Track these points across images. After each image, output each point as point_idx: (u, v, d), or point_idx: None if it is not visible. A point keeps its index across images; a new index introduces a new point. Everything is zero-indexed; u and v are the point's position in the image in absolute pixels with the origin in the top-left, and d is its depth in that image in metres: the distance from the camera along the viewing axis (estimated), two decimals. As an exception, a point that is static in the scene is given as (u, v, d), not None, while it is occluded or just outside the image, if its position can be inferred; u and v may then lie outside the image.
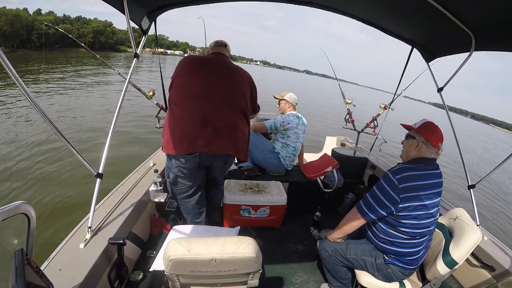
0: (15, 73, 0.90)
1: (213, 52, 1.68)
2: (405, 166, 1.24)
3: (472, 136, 28.52)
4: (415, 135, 1.28)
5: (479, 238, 1.22)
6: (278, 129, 2.45)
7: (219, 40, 1.74)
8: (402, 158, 1.37)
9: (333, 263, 1.45)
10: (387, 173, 1.24)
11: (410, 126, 1.33)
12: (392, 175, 1.20)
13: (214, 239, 0.98)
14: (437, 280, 1.30)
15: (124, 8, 1.43)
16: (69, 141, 1.19)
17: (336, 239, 1.44)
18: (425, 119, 1.33)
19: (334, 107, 16.39)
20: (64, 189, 3.83)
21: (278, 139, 2.49)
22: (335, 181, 2.38)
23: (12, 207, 0.69)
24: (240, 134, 1.59)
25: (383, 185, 1.23)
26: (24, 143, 5.26)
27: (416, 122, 1.34)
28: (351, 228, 1.35)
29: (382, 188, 1.23)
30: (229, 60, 1.68)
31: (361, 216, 1.29)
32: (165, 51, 52.04)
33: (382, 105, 3.18)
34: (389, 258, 1.30)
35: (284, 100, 2.54)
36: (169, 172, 1.63)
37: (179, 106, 1.49)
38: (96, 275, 1.13)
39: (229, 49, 1.74)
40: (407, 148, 1.32)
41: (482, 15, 1.37)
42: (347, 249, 1.40)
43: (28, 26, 37.00)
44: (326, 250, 1.46)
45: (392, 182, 1.19)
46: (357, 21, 2.00)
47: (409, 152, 1.30)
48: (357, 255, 1.37)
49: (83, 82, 13.66)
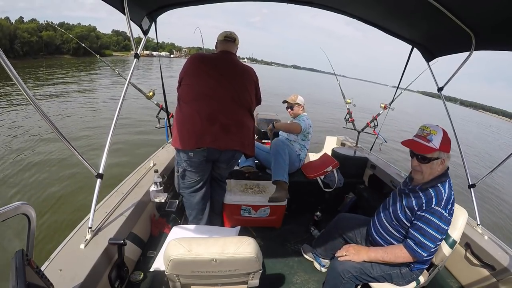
0: (15, 73, 0.90)
1: (221, 50, 1.68)
2: (449, 192, 1.16)
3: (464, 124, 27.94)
4: (439, 155, 1.16)
5: (466, 215, 1.27)
6: (304, 132, 2.44)
7: (229, 34, 1.69)
8: (422, 180, 1.22)
9: (351, 283, 1.33)
10: (435, 208, 1.14)
11: (426, 148, 1.15)
12: (443, 210, 1.13)
13: (215, 239, 0.98)
14: (442, 262, 1.33)
15: (124, 8, 1.43)
16: (69, 141, 1.19)
17: (365, 260, 1.31)
18: (432, 128, 1.18)
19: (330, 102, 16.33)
20: (64, 189, 3.84)
21: (298, 141, 2.46)
22: (335, 181, 2.38)
23: (12, 208, 0.69)
24: (247, 130, 1.65)
25: (435, 222, 1.13)
26: (24, 143, 5.27)
27: (429, 137, 1.16)
28: (395, 261, 1.26)
29: (437, 227, 1.13)
30: (236, 59, 1.69)
31: (414, 257, 1.20)
32: (151, 53, 51.42)
33: (382, 105, 3.17)
34: (415, 265, 1.28)
35: (297, 104, 2.53)
36: (178, 166, 1.67)
37: (187, 103, 1.54)
38: (97, 275, 1.13)
39: (238, 42, 1.73)
40: (430, 170, 1.18)
41: (482, 14, 1.37)
42: (372, 266, 1.30)
43: (11, 35, 36.26)
44: (349, 272, 1.30)
45: (444, 216, 1.13)
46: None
47: (434, 173, 1.19)
48: (383, 271, 1.30)
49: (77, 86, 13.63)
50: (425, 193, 1.20)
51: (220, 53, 1.67)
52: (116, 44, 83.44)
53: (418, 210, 1.19)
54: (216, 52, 1.71)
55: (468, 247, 1.54)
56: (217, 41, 1.71)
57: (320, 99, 18.49)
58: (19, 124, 6.45)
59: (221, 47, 1.68)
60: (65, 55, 47.46)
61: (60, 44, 47.10)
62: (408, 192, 1.28)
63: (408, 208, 1.23)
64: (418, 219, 1.18)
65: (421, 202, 1.19)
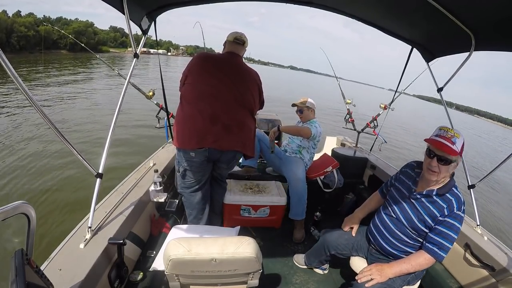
0: (15, 73, 0.90)
1: (227, 52, 1.67)
2: (461, 196, 1.20)
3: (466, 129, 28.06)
4: (457, 159, 1.17)
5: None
6: (315, 140, 2.29)
7: (238, 36, 1.67)
8: (437, 181, 1.22)
9: None
10: (457, 213, 1.17)
11: (450, 151, 1.13)
12: (462, 213, 1.18)
13: (214, 239, 0.98)
14: None
15: (124, 8, 1.43)
16: (69, 141, 1.19)
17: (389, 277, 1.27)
18: (457, 132, 1.17)
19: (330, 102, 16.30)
20: (64, 189, 3.84)
21: (309, 149, 2.32)
22: (335, 181, 2.38)
23: (12, 207, 0.69)
24: (248, 132, 1.66)
25: (457, 226, 1.17)
26: (24, 144, 5.27)
27: (454, 139, 1.14)
28: (419, 269, 1.26)
29: (457, 230, 1.17)
30: (242, 61, 1.69)
31: (437, 260, 1.20)
32: (148, 50, 51.12)
33: (382, 105, 3.18)
34: None
35: (306, 107, 2.31)
36: (179, 166, 1.67)
37: (190, 103, 1.54)
38: (96, 275, 1.13)
39: (247, 45, 1.71)
40: (446, 173, 1.19)
41: (482, 15, 1.37)
42: (394, 280, 1.27)
43: (8, 29, 36.04)
44: None
45: (463, 219, 1.18)
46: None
47: (446, 176, 1.21)
48: (403, 280, 1.29)
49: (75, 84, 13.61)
50: (443, 198, 1.20)
51: (227, 54, 1.67)
52: (114, 41, 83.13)
53: (440, 216, 1.19)
54: (223, 52, 1.71)
55: (468, 248, 1.54)
56: (226, 41, 1.70)
57: (320, 99, 18.53)
58: (19, 124, 6.45)
59: (228, 48, 1.68)
60: (62, 50, 47.11)
61: (57, 39, 46.82)
62: (421, 197, 1.26)
63: (428, 216, 1.22)
64: (439, 224, 1.18)
65: (442, 208, 1.19)
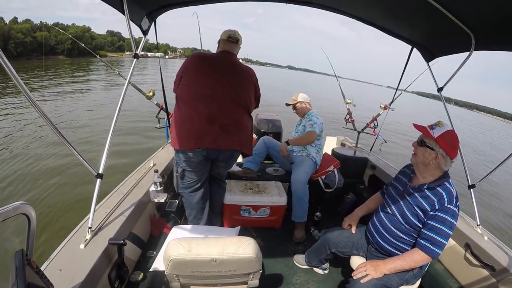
0: (15, 74, 0.90)
1: (221, 50, 1.66)
2: (454, 191, 1.20)
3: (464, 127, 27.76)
4: (434, 146, 1.18)
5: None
6: (320, 134, 2.29)
7: (232, 34, 1.65)
8: (417, 164, 1.27)
9: None
10: (448, 207, 1.17)
11: (426, 132, 1.20)
12: (455, 208, 1.17)
13: (215, 239, 0.98)
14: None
15: (124, 8, 1.42)
16: (69, 142, 1.19)
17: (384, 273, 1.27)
18: (443, 123, 1.22)
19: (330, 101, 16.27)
20: (65, 189, 3.84)
21: (314, 145, 2.30)
22: (336, 181, 2.38)
23: (12, 208, 0.69)
24: (245, 130, 1.66)
25: (449, 220, 1.17)
26: (24, 144, 5.27)
27: (434, 127, 1.20)
28: (414, 266, 1.26)
29: (450, 224, 1.17)
30: (237, 60, 1.68)
31: (432, 257, 1.20)
32: (146, 54, 50.94)
33: (382, 105, 3.17)
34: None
35: (299, 103, 2.37)
36: (177, 167, 1.68)
37: (186, 104, 1.54)
38: (96, 275, 1.13)
39: (241, 43, 1.70)
40: (423, 158, 1.22)
41: (482, 14, 1.37)
42: (390, 278, 1.27)
43: (5, 35, 36.21)
44: None
45: (455, 213, 1.17)
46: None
47: (426, 162, 1.22)
48: (401, 278, 1.29)
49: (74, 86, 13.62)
50: (434, 192, 1.20)
51: (221, 53, 1.66)
52: (111, 45, 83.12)
53: (431, 210, 1.19)
54: (217, 51, 1.70)
55: (468, 248, 1.54)
56: (220, 40, 1.69)
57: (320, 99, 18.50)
58: (20, 125, 6.45)
59: (222, 47, 1.67)
60: (59, 55, 47.29)
61: (54, 44, 47.10)
62: (413, 192, 1.27)
63: (419, 209, 1.22)
64: (431, 219, 1.19)
65: (433, 202, 1.19)
